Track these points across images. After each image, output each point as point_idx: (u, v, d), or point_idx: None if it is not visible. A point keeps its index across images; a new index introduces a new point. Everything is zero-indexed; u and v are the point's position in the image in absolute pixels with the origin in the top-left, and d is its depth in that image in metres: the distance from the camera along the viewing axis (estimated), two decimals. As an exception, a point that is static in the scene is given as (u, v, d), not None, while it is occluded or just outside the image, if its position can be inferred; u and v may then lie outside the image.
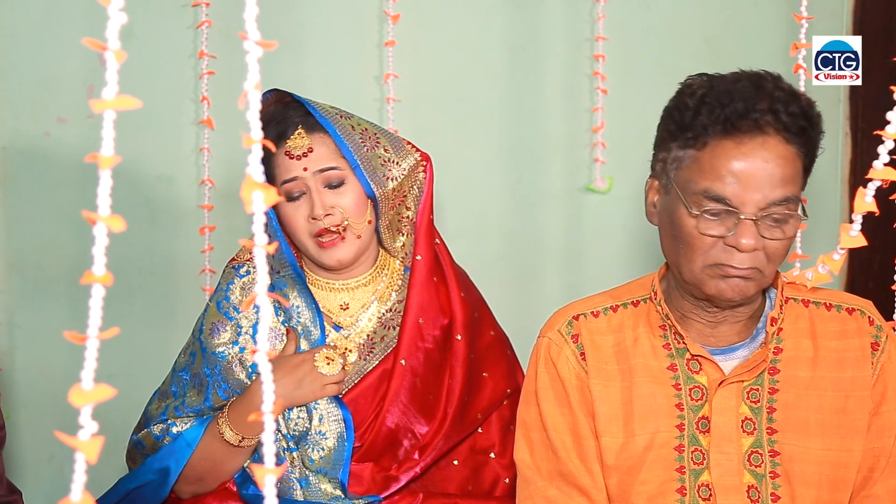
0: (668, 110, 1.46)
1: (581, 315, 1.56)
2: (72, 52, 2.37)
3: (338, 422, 1.80)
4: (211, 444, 1.79)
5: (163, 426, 1.83)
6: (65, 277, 2.43)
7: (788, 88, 1.41)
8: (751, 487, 1.45)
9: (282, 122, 1.80)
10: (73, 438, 0.72)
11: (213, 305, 1.87)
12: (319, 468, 1.79)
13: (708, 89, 1.40)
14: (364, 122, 1.84)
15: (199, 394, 1.84)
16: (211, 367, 1.83)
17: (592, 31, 2.59)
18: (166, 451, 1.80)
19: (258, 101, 0.76)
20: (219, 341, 1.83)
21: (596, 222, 2.68)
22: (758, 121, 1.35)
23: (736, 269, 1.39)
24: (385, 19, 2.44)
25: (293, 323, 1.83)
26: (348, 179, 1.79)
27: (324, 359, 1.80)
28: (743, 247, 1.37)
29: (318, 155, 1.78)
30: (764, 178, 1.35)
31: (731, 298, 1.43)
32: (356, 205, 1.79)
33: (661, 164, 1.45)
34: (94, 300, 0.73)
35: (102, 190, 0.74)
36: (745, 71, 1.44)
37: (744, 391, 1.47)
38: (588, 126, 2.62)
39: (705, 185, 1.37)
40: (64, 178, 2.43)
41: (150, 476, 1.82)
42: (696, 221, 1.38)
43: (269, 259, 1.82)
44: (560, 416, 1.52)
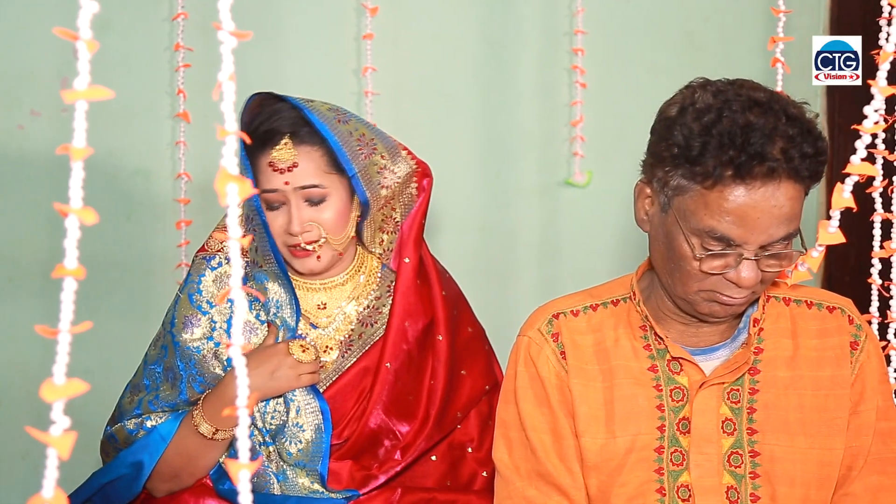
0: (668, 123, 1.37)
1: (561, 314, 1.55)
2: (45, 44, 2.35)
3: (315, 413, 1.79)
4: (186, 438, 1.77)
5: (136, 420, 1.81)
6: (38, 272, 2.41)
7: (799, 118, 1.34)
8: (730, 488, 1.45)
9: (270, 125, 1.74)
10: (45, 434, 0.71)
11: (184, 297, 1.84)
12: (297, 461, 1.78)
13: (715, 118, 1.31)
14: (361, 126, 1.79)
15: (173, 388, 1.82)
16: (185, 361, 1.81)
17: (571, 25, 2.59)
18: (140, 445, 1.79)
19: (232, 93, 0.75)
20: (191, 336, 1.81)
21: (574, 217, 2.69)
22: (773, 169, 1.29)
23: (733, 300, 1.38)
24: (363, 12, 2.43)
25: (271, 316, 1.82)
26: (330, 196, 1.75)
27: (299, 347, 1.79)
28: (744, 283, 1.35)
29: (303, 171, 1.73)
30: (770, 220, 1.32)
31: (723, 318, 1.43)
32: (336, 221, 1.76)
33: (659, 181, 1.38)
34: (65, 294, 0.72)
35: (74, 182, 0.72)
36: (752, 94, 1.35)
37: (724, 392, 1.47)
38: (567, 120, 2.62)
39: (711, 225, 1.32)
40: (37, 172, 2.40)
41: (123, 470, 1.80)
42: (698, 262, 1.36)
43: (253, 252, 1.80)
44: (539, 416, 1.51)
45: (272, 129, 1.73)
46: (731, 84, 1.37)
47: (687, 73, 1.55)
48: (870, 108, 1.25)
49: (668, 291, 1.45)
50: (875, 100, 1.24)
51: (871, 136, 1.27)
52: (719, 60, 2.67)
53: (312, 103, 1.76)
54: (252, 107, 1.76)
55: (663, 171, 1.36)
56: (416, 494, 1.80)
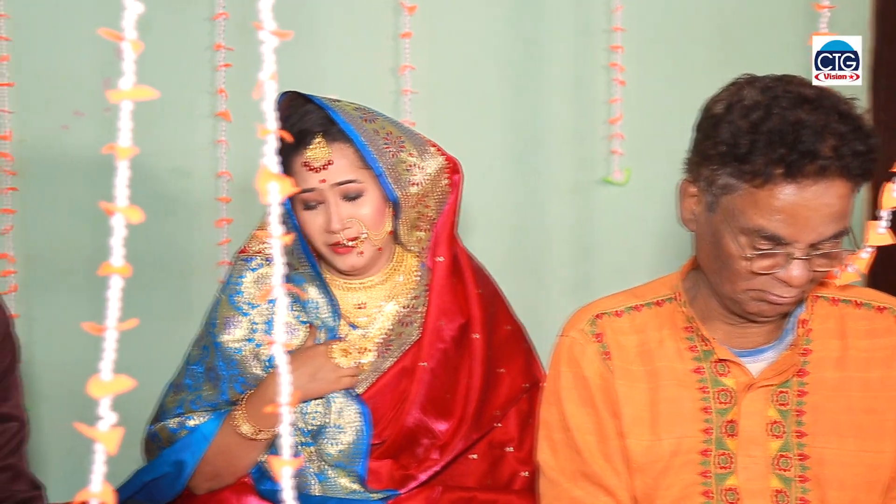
0: (714, 121, 1.34)
1: (604, 314, 1.53)
2: (87, 45, 2.38)
3: (355, 415, 1.80)
4: (227, 438, 1.79)
5: (179, 420, 1.83)
6: (81, 270, 2.44)
7: (850, 115, 1.31)
8: (778, 492, 1.43)
9: (301, 126, 1.75)
10: (92, 430, 0.72)
11: (224, 299, 1.86)
12: (337, 462, 1.79)
13: (765, 115, 1.29)
14: (388, 125, 1.79)
15: (215, 388, 1.83)
16: (226, 361, 1.82)
17: (609, 23, 2.57)
18: (182, 444, 1.80)
19: (274, 92, 0.75)
20: (232, 337, 1.83)
21: (612, 215, 2.67)
22: (825, 167, 1.27)
23: (782, 299, 1.36)
24: (401, 11, 2.43)
25: (311, 318, 1.83)
26: (367, 191, 1.75)
27: (340, 350, 1.80)
28: (794, 282, 1.33)
29: (338, 167, 1.73)
30: (821, 218, 1.29)
31: (771, 318, 1.41)
32: (374, 216, 1.76)
33: (705, 180, 1.36)
34: (112, 291, 0.73)
35: (120, 181, 0.73)
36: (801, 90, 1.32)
37: (772, 394, 1.45)
38: (605, 118, 2.61)
39: (760, 224, 1.30)
40: (80, 172, 2.43)
41: (166, 468, 1.82)
42: (747, 261, 1.34)
43: (287, 255, 1.81)
44: (584, 417, 1.50)
45: (304, 129, 1.74)
46: (778, 80, 1.34)
47: (725, 69, 1.53)
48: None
49: (716, 291, 1.43)
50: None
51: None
52: (757, 57, 2.65)
53: (338, 103, 1.76)
54: (281, 107, 1.77)
55: (710, 169, 1.34)
56: (457, 493, 1.80)
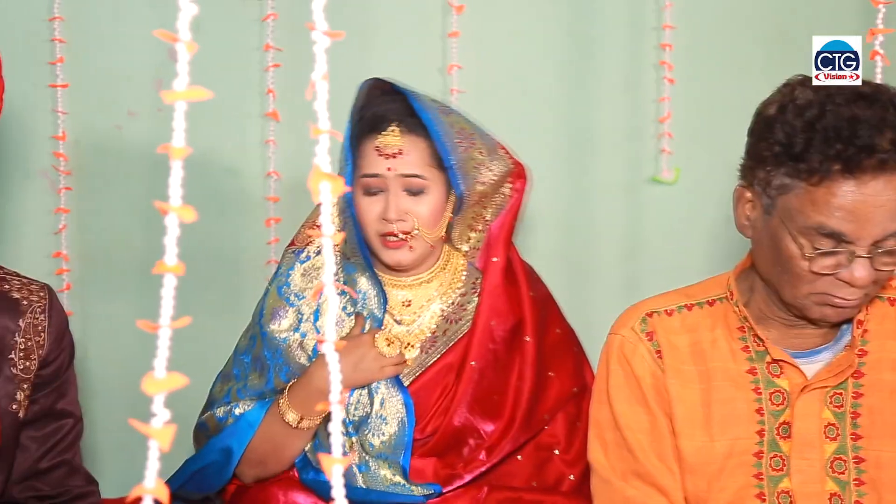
0: (768, 122, 1.33)
1: (655, 313, 1.52)
2: (140, 46, 2.41)
3: (399, 407, 1.80)
4: (272, 426, 1.80)
5: (226, 408, 1.85)
6: (135, 269, 2.47)
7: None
8: (833, 495, 1.41)
9: (378, 111, 1.77)
10: (146, 426, 0.73)
11: (273, 290, 1.88)
12: (380, 453, 1.79)
13: (819, 112, 1.28)
14: (461, 121, 1.81)
15: (261, 377, 1.85)
16: (272, 350, 1.84)
17: (659, 20, 2.55)
18: (228, 432, 1.82)
19: (325, 92, 0.76)
20: (279, 327, 1.85)
21: (661, 215, 2.65)
22: (884, 161, 1.25)
23: (846, 301, 1.34)
24: (449, 10, 2.44)
25: (359, 308, 1.84)
26: (429, 189, 1.77)
27: (384, 339, 1.80)
28: (857, 282, 1.31)
29: (408, 159, 1.75)
30: (884, 214, 1.27)
31: (835, 322, 1.40)
32: (431, 215, 1.77)
33: (760, 183, 1.35)
34: (166, 289, 0.74)
35: (174, 181, 0.74)
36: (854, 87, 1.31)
37: (827, 395, 1.43)
38: (654, 116, 2.59)
39: (820, 221, 1.28)
40: (134, 171, 2.47)
41: (213, 456, 1.83)
42: (808, 261, 1.32)
43: (343, 244, 1.82)
44: (635, 415, 1.49)
45: (380, 114, 1.76)
46: None
47: (776, 67, 1.52)
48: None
49: (777, 296, 1.41)
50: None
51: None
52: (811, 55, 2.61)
53: (418, 94, 1.78)
54: (361, 93, 1.79)
55: (765, 171, 1.33)
56: (503, 493, 1.80)
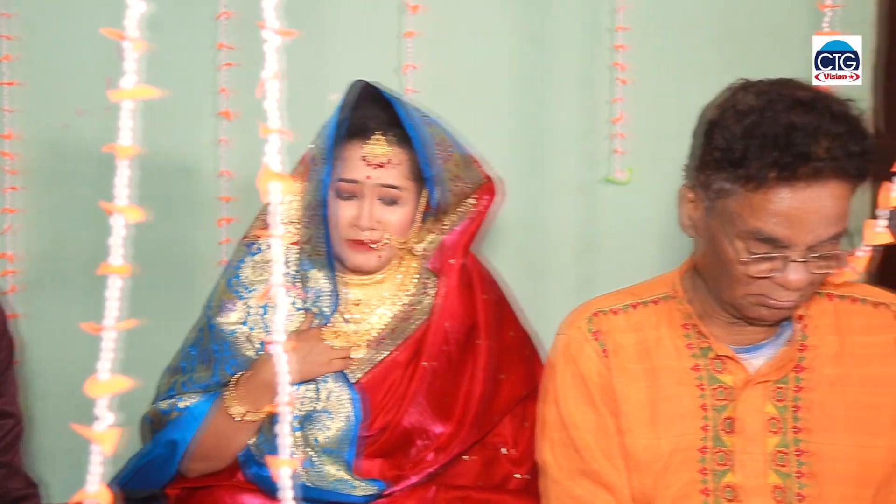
0: (709, 127, 1.35)
1: (601, 312, 1.53)
2: (90, 43, 2.37)
3: (345, 402, 1.79)
4: (217, 419, 1.79)
5: (170, 401, 1.83)
6: (83, 269, 2.43)
7: (844, 116, 1.30)
8: (776, 488, 1.43)
9: (365, 116, 1.77)
10: (89, 430, 0.72)
11: (223, 282, 1.87)
12: (325, 448, 1.79)
13: (758, 118, 1.29)
14: (440, 132, 1.81)
15: (207, 369, 1.84)
16: (219, 343, 1.83)
17: (613, 22, 2.57)
18: (174, 425, 1.81)
19: (276, 91, 0.75)
20: (227, 320, 1.83)
21: (614, 214, 2.67)
22: (819, 169, 1.26)
23: (782, 303, 1.36)
24: (404, 10, 2.43)
25: (309, 304, 1.83)
26: (403, 201, 1.78)
27: (331, 332, 1.80)
28: (792, 285, 1.33)
29: (389, 171, 1.75)
30: (818, 220, 1.29)
31: (772, 322, 1.42)
32: (402, 225, 1.79)
33: (702, 185, 1.36)
34: (111, 291, 0.73)
35: (120, 180, 0.73)
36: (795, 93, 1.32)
37: (769, 390, 1.45)
38: (608, 117, 2.61)
39: (756, 226, 1.30)
40: (83, 170, 2.43)
41: (158, 450, 1.82)
42: (744, 265, 1.34)
43: (306, 240, 1.81)
44: (582, 415, 1.50)
45: (367, 122, 1.76)
46: (773, 84, 1.34)
47: (730, 70, 1.53)
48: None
49: (715, 296, 1.43)
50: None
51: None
52: (763, 57, 2.64)
53: (404, 102, 1.78)
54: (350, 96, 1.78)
55: (706, 175, 1.35)
56: (451, 492, 1.80)
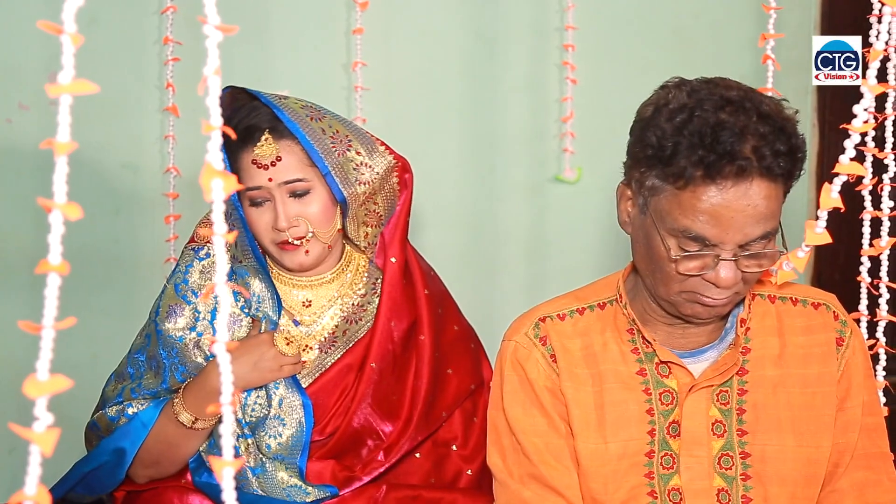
0: (643, 124, 1.36)
1: (547, 317, 1.53)
2: (33, 37, 2.33)
3: (297, 408, 1.78)
4: (166, 427, 1.77)
5: (118, 408, 1.81)
6: (26, 267, 2.39)
7: (772, 116, 1.32)
8: (721, 490, 1.44)
9: (249, 121, 1.74)
10: (27, 430, 0.70)
11: (170, 288, 1.84)
12: (276, 455, 1.78)
13: (687, 118, 1.30)
14: (336, 123, 1.78)
15: (156, 376, 1.82)
16: (167, 349, 1.81)
17: (562, 21, 2.58)
18: (121, 433, 1.78)
19: (218, 88, 0.74)
20: (175, 325, 1.81)
21: (563, 214, 2.68)
22: (743, 168, 1.28)
23: (715, 301, 1.37)
24: (353, 6, 2.42)
25: (253, 311, 1.81)
26: (314, 188, 1.75)
27: (283, 339, 1.79)
28: (722, 283, 1.34)
29: (286, 165, 1.73)
30: (745, 219, 1.30)
31: (706, 320, 1.42)
32: (322, 214, 1.75)
33: (637, 182, 1.38)
34: (49, 289, 0.72)
35: (58, 177, 0.72)
36: (725, 93, 1.33)
37: (713, 393, 1.46)
38: (557, 116, 2.62)
39: (685, 224, 1.31)
40: (25, 166, 2.39)
41: (105, 457, 1.79)
42: (674, 263, 1.35)
43: (231, 248, 1.79)
44: (530, 419, 1.49)
45: (251, 125, 1.73)
46: (706, 83, 1.36)
47: (677, 69, 1.55)
48: (859, 106, 1.25)
49: (651, 293, 1.45)
50: (864, 98, 1.23)
51: (860, 135, 1.27)
52: (709, 57, 2.67)
53: (285, 101, 1.75)
54: (227, 103, 1.75)
55: (640, 172, 1.36)
56: (402, 491, 1.80)
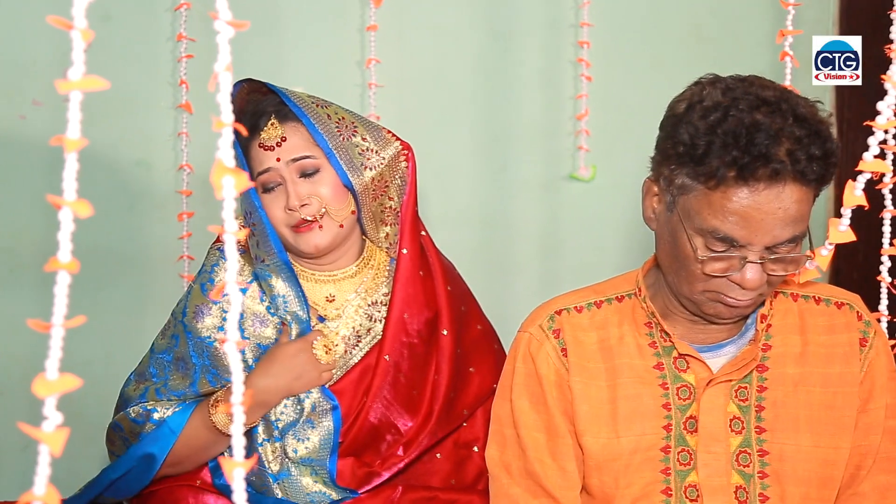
0: (675, 121, 1.34)
1: (564, 310, 1.52)
2: (48, 33, 2.32)
3: (327, 411, 1.78)
4: (198, 431, 1.76)
5: (141, 410, 1.80)
6: (38, 264, 2.38)
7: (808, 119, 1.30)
8: (738, 488, 1.43)
9: (256, 112, 1.78)
10: (36, 430, 0.70)
11: (196, 288, 1.85)
12: (305, 458, 1.77)
13: (722, 116, 1.28)
14: (342, 111, 1.81)
15: (184, 378, 1.81)
16: (198, 352, 1.80)
17: (577, 18, 2.57)
18: (150, 439, 1.78)
19: (229, 84, 0.73)
20: (203, 325, 1.81)
21: (578, 212, 2.67)
22: (777, 171, 1.26)
23: (739, 301, 1.36)
24: (367, 3, 2.41)
25: (280, 312, 1.81)
26: (324, 167, 1.76)
27: (322, 346, 1.79)
28: (747, 284, 1.33)
29: (291, 144, 1.75)
30: (775, 221, 1.29)
31: (727, 320, 1.41)
32: (334, 192, 1.76)
33: (665, 179, 1.36)
34: (59, 287, 0.71)
35: (68, 174, 0.71)
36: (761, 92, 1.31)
37: (732, 389, 1.45)
38: (572, 113, 2.60)
39: (714, 225, 1.30)
40: (38, 163, 2.39)
41: (133, 464, 1.79)
42: (701, 263, 1.33)
43: (254, 248, 1.80)
44: (534, 414, 1.49)
45: (258, 112, 1.78)
46: (741, 81, 1.34)
47: (693, 66, 1.53)
48: (883, 103, 1.23)
49: (674, 290, 1.43)
50: (889, 95, 1.21)
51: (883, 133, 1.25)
52: (726, 54, 2.65)
53: (293, 91, 1.79)
54: (243, 96, 1.80)
55: (669, 169, 1.34)
56: (418, 493, 1.79)
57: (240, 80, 1.79)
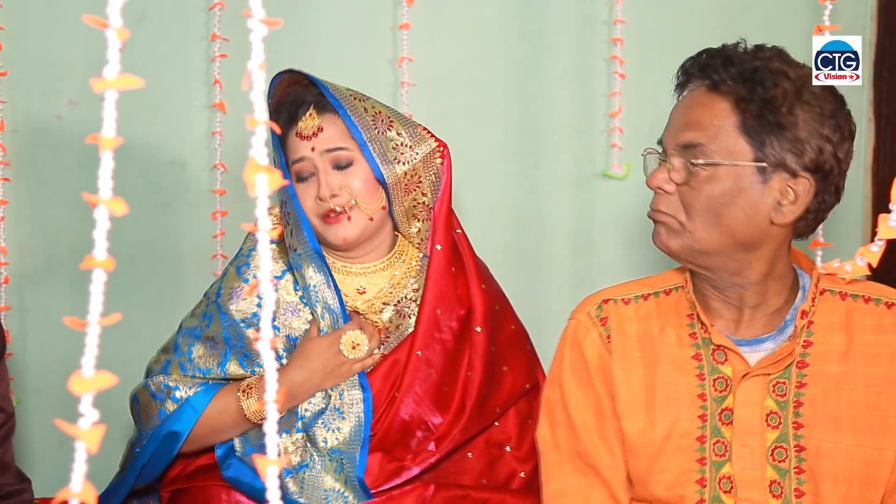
0: None
1: (611, 300, 1.57)
2: (84, 34, 2.34)
3: (358, 401, 1.79)
4: (222, 413, 1.78)
5: (162, 386, 1.81)
6: (75, 262, 2.41)
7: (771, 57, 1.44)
8: (773, 482, 1.43)
9: (295, 103, 1.82)
10: (73, 427, 0.70)
11: (232, 270, 1.87)
12: (334, 449, 1.77)
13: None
14: (379, 105, 1.83)
15: (213, 357, 1.82)
16: (232, 334, 1.82)
17: (610, 15, 2.55)
18: (174, 418, 1.80)
19: (262, 82, 0.74)
20: (237, 308, 1.83)
21: (611, 209, 2.65)
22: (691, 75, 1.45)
23: (650, 211, 1.47)
24: (399, 2, 2.41)
25: (312, 301, 1.82)
26: (357, 160, 1.78)
27: (349, 344, 1.79)
28: (648, 183, 1.46)
29: (327, 135, 1.78)
30: (676, 121, 1.45)
31: (657, 246, 1.49)
32: (365, 186, 1.78)
33: None
34: (94, 285, 0.72)
35: (104, 172, 0.72)
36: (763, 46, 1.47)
37: (770, 384, 1.44)
38: (605, 111, 2.59)
39: None
40: (75, 162, 2.41)
41: (158, 443, 1.81)
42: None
43: (289, 237, 1.82)
44: (583, 396, 1.52)
45: (296, 102, 1.81)
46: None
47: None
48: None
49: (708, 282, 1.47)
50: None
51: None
52: (761, 50, 2.62)
53: (333, 83, 1.82)
54: (279, 88, 1.84)
55: None
56: (450, 491, 1.79)
57: (281, 72, 1.82)
